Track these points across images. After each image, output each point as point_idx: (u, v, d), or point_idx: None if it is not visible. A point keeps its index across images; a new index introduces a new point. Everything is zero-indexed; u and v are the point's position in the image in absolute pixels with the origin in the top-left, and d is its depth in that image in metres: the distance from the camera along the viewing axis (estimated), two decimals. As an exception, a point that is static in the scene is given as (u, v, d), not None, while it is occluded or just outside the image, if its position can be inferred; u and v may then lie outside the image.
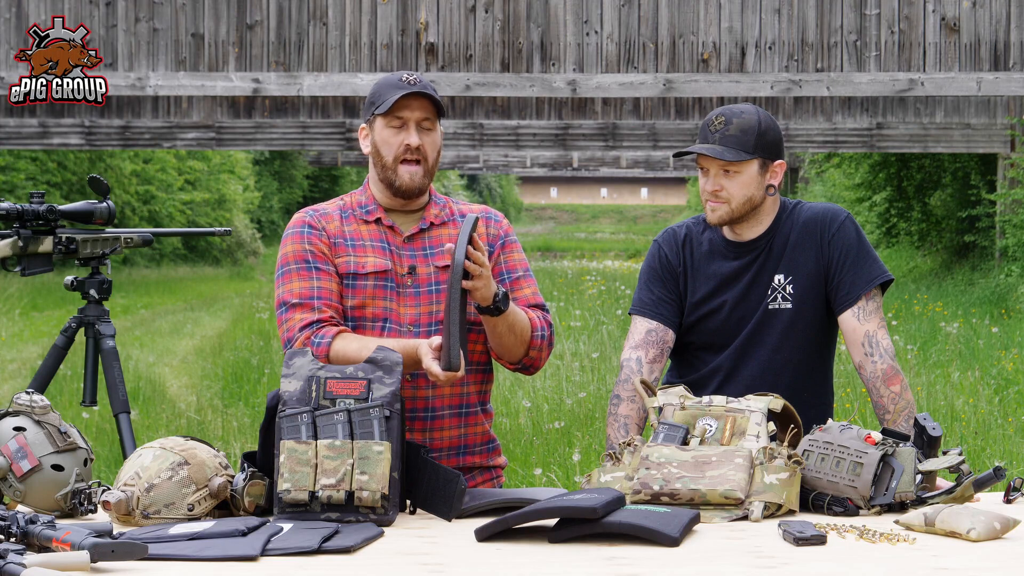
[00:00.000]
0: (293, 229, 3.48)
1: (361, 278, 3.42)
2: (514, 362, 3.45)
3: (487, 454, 3.54)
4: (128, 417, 4.84)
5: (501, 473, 3.58)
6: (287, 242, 3.47)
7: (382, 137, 3.44)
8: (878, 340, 3.56)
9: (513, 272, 3.52)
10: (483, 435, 3.52)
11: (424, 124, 3.44)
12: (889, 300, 15.27)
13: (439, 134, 3.48)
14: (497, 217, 3.59)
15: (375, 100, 3.45)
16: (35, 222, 4.78)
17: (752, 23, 14.04)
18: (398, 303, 3.42)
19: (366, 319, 3.41)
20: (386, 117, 3.42)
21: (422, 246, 3.48)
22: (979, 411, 8.19)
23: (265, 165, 35.66)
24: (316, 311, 3.36)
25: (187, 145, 15.11)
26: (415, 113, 3.42)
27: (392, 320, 3.41)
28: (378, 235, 3.47)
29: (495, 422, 8.11)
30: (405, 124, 3.43)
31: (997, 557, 2.70)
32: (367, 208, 3.50)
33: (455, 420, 3.47)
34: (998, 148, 15.12)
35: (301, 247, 3.44)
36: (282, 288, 3.42)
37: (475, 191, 55.88)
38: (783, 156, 3.66)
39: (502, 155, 28.00)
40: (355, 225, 3.48)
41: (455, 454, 3.47)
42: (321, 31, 14.15)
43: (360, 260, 3.43)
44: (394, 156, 3.43)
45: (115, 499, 2.95)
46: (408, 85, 3.41)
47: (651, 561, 2.66)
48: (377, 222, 3.48)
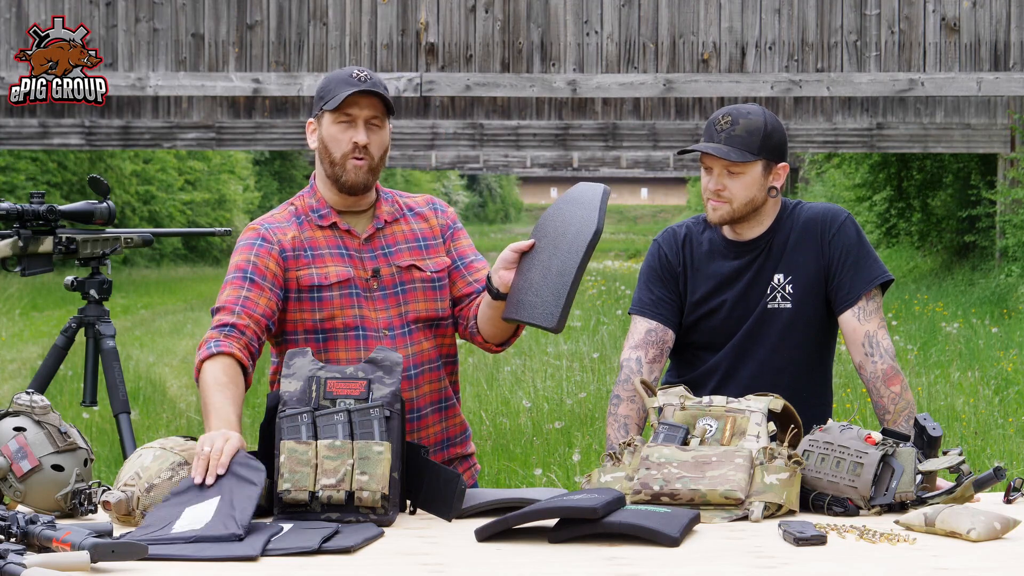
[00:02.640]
0: (245, 240, 3.43)
1: (326, 289, 3.39)
2: (501, 343, 3.47)
3: (465, 443, 3.58)
4: (128, 417, 4.84)
5: (475, 459, 3.62)
6: (236, 251, 3.43)
7: (330, 133, 3.41)
8: (878, 340, 3.56)
9: (465, 257, 3.54)
10: (460, 424, 3.57)
11: (372, 122, 3.41)
12: (889, 300, 15.26)
13: (387, 132, 3.45)
14: (443, 207, 3.61)
15: (324, 95, 3.41)
16: (35, 222, 4.78)
17: (752, 23, 14.04)
18: (367, 308, 3.41)
19: (337, 330, 3.40)
20: (334, 113, 3.39)
21: (380, 246, 3.47)
22: (979, 411, 8.19)
23: (265, 165, 35.67)
24: (235, 315, 3.32)
25: (187, 145, 15.11)
26: (364, 111, 3.39)
27: (365, 327, 3.40)
28: (335, 241, 3.44)
29: (497, 421, 8.13)
30: (353, 121, 3.40)
31: (997, 557, 2.70)
32: (320, 212, 3.46)
33: (437, 416, 3.49)
34: (998, 148, 15.12)
35: (245, 258, 3.39)
36: (218, 297, 3.41)
37: (475, 191, 55.88)
38: (787, 158, 3.65)
39: (502, 155, 28.00)
40: (311, 232, 3.44)
41: (440, 449, 3.50)
42: (321, 31, 14.15)
43: (322, 271, 3.40)
44: (342, 153, 3.40)
45: (115, 499, 2.95)
46: (358, 82, 3.37)
47: (651, 561, 2.66)
48: (332, 227, 3.45)
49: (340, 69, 3.46)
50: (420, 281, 3.46)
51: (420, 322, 3.45)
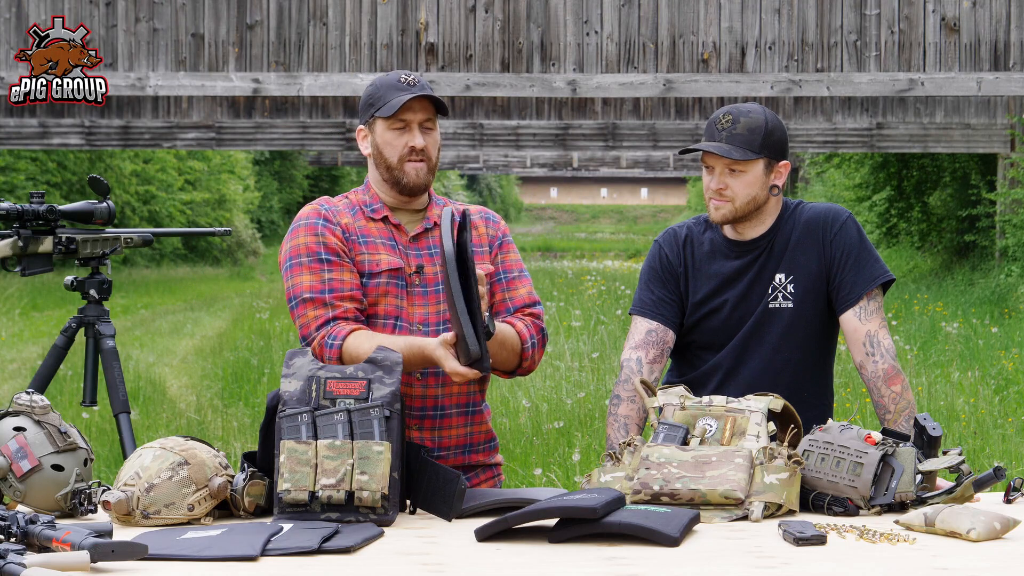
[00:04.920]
0: (306, 220, 3.45)
1: (375, 276, 3.42)
2: (508, 372, 3.48)
3: (489, 452, 3.57)
4: (128, 417, 4.84)
5: (500, 471, 3.61)
6: (299, 233, 3.43)
7: (384, 139, 3.44)
8: (879, 340, 3.56)
9: (509, 272, 3.54)
10: (487, 433, 3.55)
11: (426, 124, 3.45)
12: (889, 300, 15.27)
13: (438, 132, 3.50)
14: (495, 218, 3.62)
15: (374, 102, 3.44)
16: (35, 222, 4.78)
17: (752, 23, 14.04)
18: (407, 301, 3.43)
19: (377, 316, 3.42)
20: (388, 120, 3.43)
21: (427, 245, 3.49)
22: (979, 411, 8.19)
23: (265, 165, 35.66)
24: (329, 307, 3.35)
25: (187, 145, 15.11)
26: (418, 115, 3.43)
27: (403, 319, 3.42)
28: (386, 233, 3.48)
29: (496, 421, 8.13)
30: (407, 126, 3.43)
31: (997, 557, 2.70)
32: (372, 207, 3.50)
33: (462, 419, 3.48)
34: (998, 148, 15.12)
35: (313, 239, 3.41)
36: (291, 281, 3.41)
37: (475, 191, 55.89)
38: (788, 157, 3.66)
39: (502, 155, 28.00)
40: (363, 221, 3.48)
41: (461, 452, 3.49)
42: (321, 31, 14.15)
43: (374, 258, 3.43)
44: (399, 157, 3.44)
45: (115, 499, 2.95)
46: (408, 87, 3.41)
47: (651, 561, 2.66)
48: (384, 220, 3.49)
49: (386, 74, 3.48)
50: None
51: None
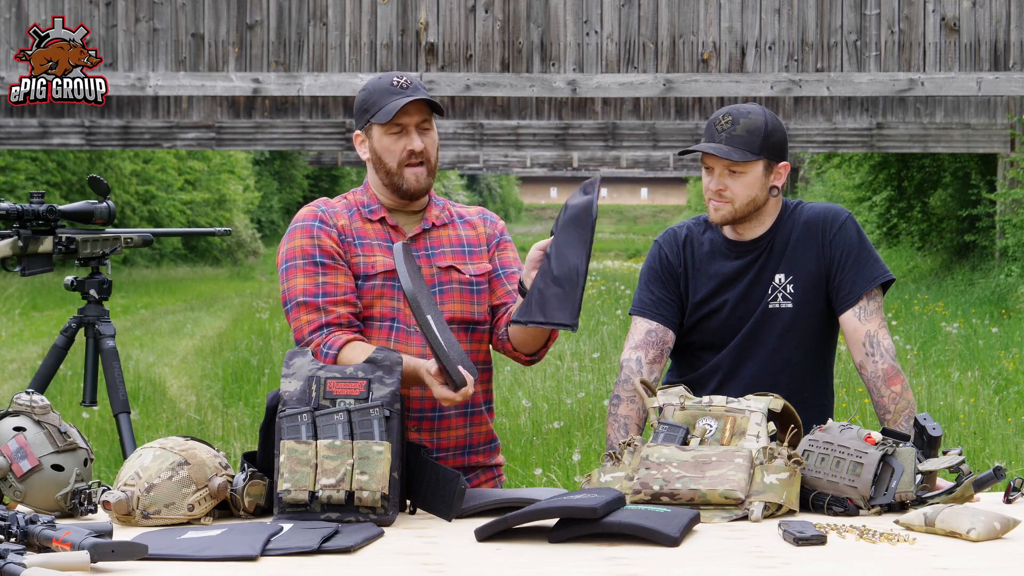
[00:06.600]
0: (302, 223, 3.45)
1: (371, 278, 3.42)
2: (531, 354, 3.47)
3: (489, 453, 3.56)
4: (128, 417, 4.84)
5: (501, 472, 3.60)
6: (295, 235, 3.44)
7: (382, 144, 3.43)
8: (879, 340, 3.56)
9: (508, 268, 3.56)
10: (487, 434, 3.55)
11: (422, 126, 3.44)
12: (889, 300, 15.27)
13: (436, 131, 3.49)
14: (493, 217, 3.63)
15: (369, 107, 3.42)
16: (35, 222, 4.78)
17: (752, 23, 14.03)
18: (404, 303, 3.42)
19: (373, 319, 3.42)
20: (385, 125, 3.41)
21: (424, 246, 3.49)
22: (979, 411, 8.19)
23: (265, 165, 35.66)
24: (323, 311, 3.36)
25: (187, 145, 15.11)
26: (414, 118, 3.42)
27: (400, 320, 3.42)
28: (383, 234, 3.48)
29: (496, 421, 8.12)
30: (404, 130, 3.42)
31: (997, 557, 2.70)
32: (370, 208, 3.50)
33: (461, 420, 3.48)
34: (998, 148, 15.12)
35: (309, 242, 3.42)
36: (286, 284, 3.42)
37: (475, 191, 55.88)
38: (787, 157, 3.66)
39: (502, 155, 27.99)
40: (360, 223, 3.47)
41: (460, 454, 3.48)
42: (321, 31, 14.14)
43: (369, 260, 3.43)
44: (398, 162, 3.43)
45: (115, 499, 2.95)
46: (402, 89, 3.39)
47: (651, 561, 2.66)
48: (381, 221, 3.49)
49: (378, 78, 3.46)
50: (458, 283, 3.48)
51: (455, 323, 3.45)
